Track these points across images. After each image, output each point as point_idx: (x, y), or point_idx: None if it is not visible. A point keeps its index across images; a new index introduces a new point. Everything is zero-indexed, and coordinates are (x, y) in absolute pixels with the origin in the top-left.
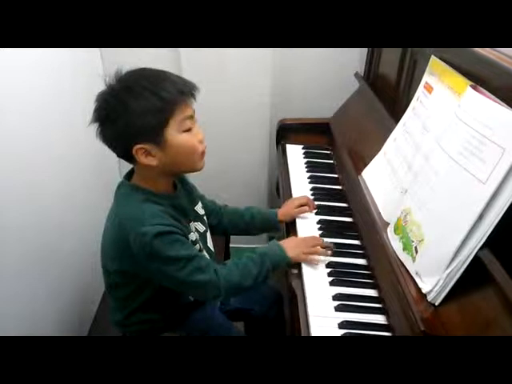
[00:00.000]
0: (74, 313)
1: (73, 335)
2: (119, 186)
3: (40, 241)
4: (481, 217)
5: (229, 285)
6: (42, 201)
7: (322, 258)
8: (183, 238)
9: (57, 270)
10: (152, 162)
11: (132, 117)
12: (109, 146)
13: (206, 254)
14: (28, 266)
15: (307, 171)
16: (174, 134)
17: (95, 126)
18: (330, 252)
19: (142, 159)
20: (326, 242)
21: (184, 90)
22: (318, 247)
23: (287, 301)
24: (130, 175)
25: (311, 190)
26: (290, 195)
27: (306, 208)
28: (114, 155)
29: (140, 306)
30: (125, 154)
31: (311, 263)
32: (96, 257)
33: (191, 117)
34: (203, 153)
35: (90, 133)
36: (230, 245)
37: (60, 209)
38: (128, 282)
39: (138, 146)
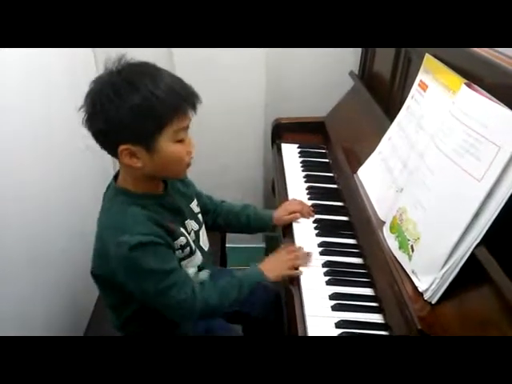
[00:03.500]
0: (71, 313)
1: (69, 335)
2: (107, 188)
3: (36, 240)
4: (477, 215)
5: (206, 307)
6: (36, 200)
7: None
8: (163, 249)
9: (53, 270)
10: (135, 163)
11: (127, 115)
12: (94, 138)
13: (198, 253)
14: (24, 265)
15: (303, 170)
16: (166, 143)
17: (84, 112)
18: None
19: (126, 160)
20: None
21: (187, 100)
22: (296, 260)
23: (284, 301)
24: (117, 175)
25: (307, 188)
26: (286, 194)
27: (298, 215)
28: None
29: (133, 315)
30: (110, 149)
31: (293, 276)
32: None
33: (187, 127)
34: (189, 164)
35: (84, 131)
36: (227, 245)
37: (56, 208)
38: (114, 291)
39: (125, 145)
